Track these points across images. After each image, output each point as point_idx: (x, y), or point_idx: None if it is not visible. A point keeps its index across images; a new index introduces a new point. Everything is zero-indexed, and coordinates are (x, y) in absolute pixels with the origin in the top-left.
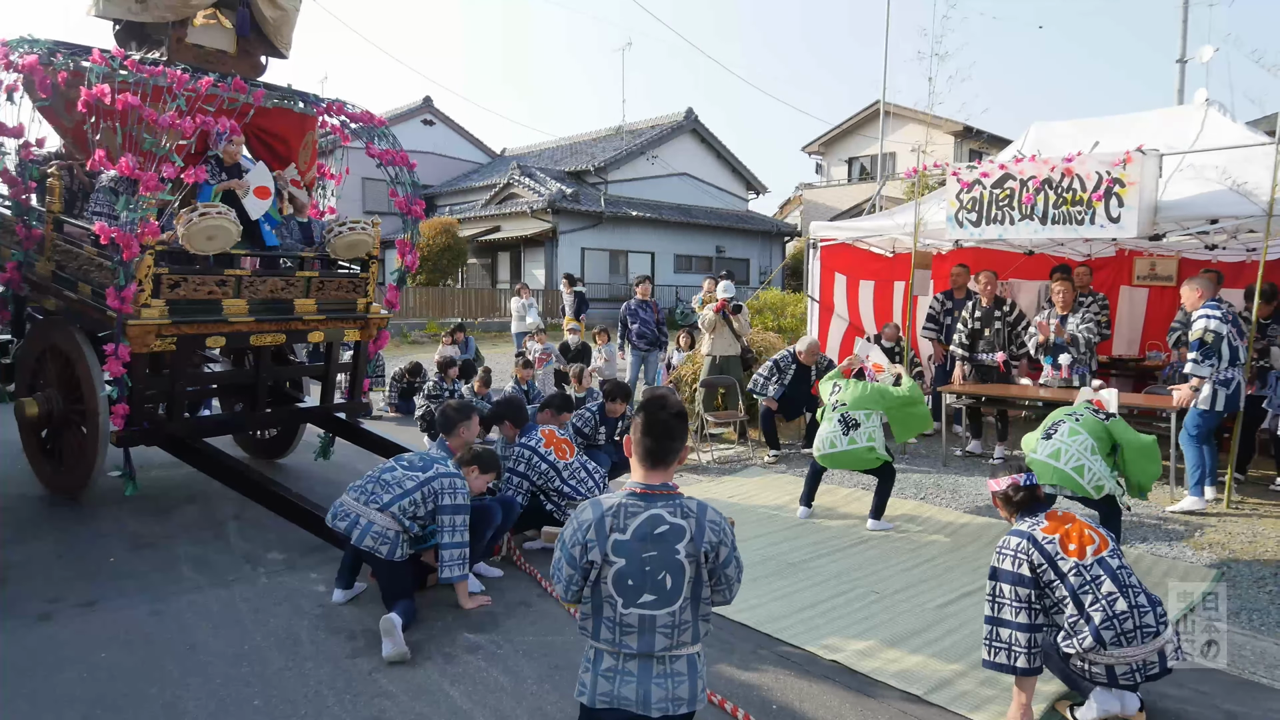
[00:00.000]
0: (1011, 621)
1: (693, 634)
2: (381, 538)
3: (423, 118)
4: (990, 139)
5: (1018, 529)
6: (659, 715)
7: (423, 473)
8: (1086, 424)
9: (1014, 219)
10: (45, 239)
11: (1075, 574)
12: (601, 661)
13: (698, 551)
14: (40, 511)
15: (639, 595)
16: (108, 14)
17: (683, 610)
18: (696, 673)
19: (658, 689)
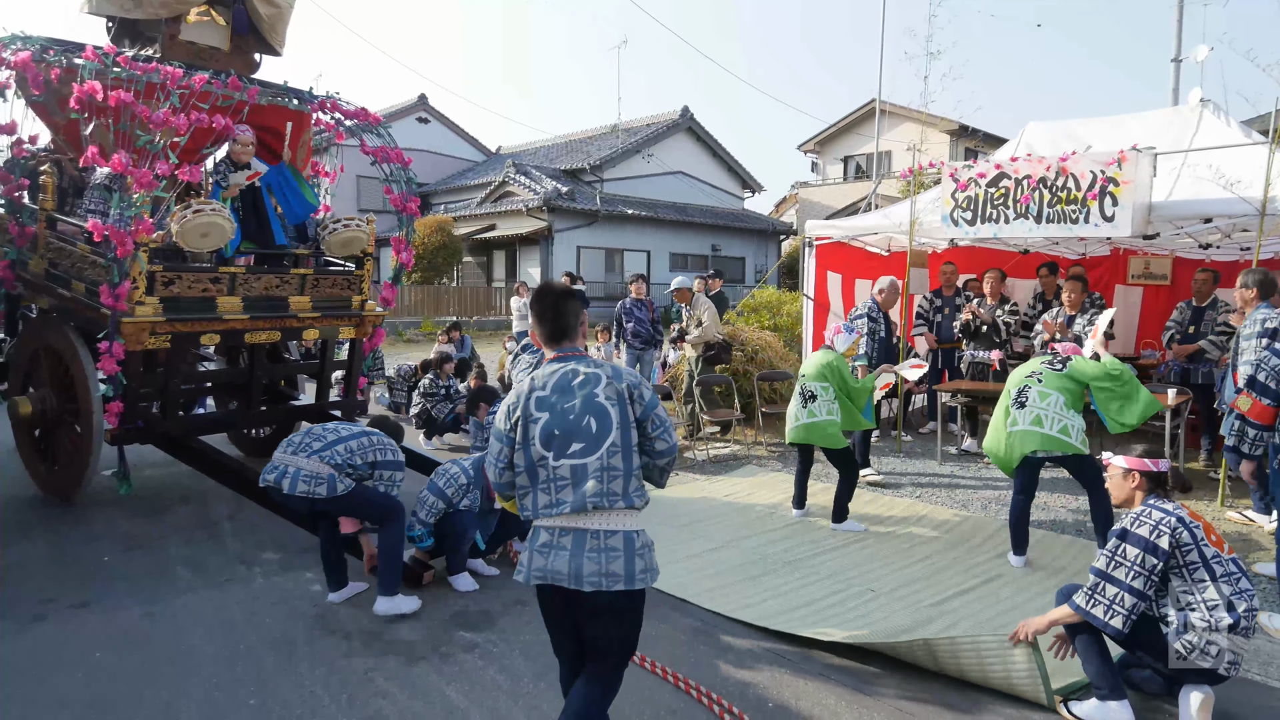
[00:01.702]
0: (1124, 583)
1: (624, 490)
2: (315, 479)
3: (418, 115)
4: (986, 138)
5: (1161, 505)
6: (590, 589)
7: (356, 427)
8: (1050, 382)
9: (1009, 218)
10: (38, 237)
11: (1218, 562)
12: (538, 538)
13: (618, 392)
14: (34, 512)
15: (568, 445)
16: (101, 11)
17: (611, 455)
18: (634, 551)
19: (590, 563)
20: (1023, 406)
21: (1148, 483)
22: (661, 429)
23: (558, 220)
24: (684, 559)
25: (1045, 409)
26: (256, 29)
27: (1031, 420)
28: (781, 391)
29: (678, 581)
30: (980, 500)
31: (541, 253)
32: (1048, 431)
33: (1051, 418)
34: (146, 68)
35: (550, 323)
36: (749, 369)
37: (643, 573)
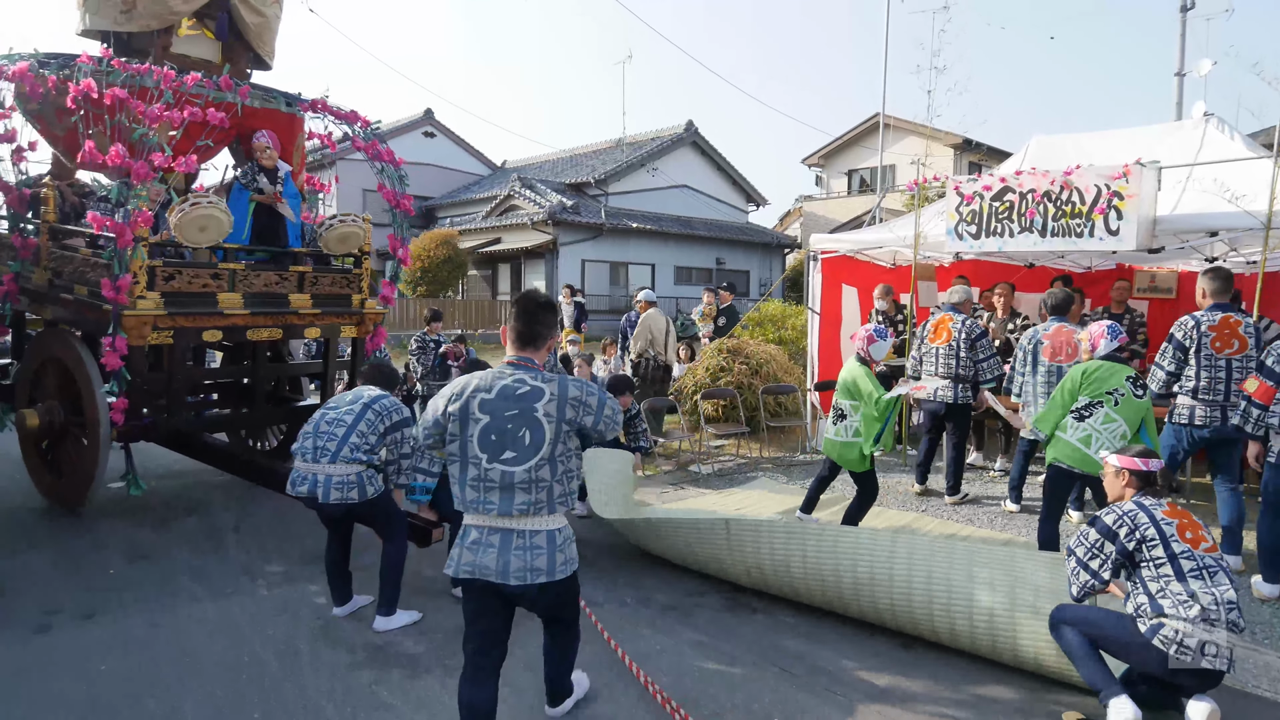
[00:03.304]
0: (1080, 559)
1: (549, 498)
2: (345, 484)
3: (424, 130)
4: (990, 151)
5: (1138, 500)
6: (516, 583)
7: (355, 403)
8: (1125, 408)
9: (1013, 231)
10: (40, 249)
11: (1187, 558)
12: (468, 535)
13: (558, 412)
14: (39, 522)
15: (501, 451)
16: (95, 27)
17: (539, 468)
18: (556, 547)
19: (516, 559)
20: (1082, 420)
21: (1137, 481)
22: (605, 430)
23: (563, 234)
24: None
25: (1102, 432)
26: (245, 40)
27: (1080, 438)
28: (786, 405)
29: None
30: (986, 515)
31: (546, 266)
32: (1089, 453)
33: (1102, 441)
34: (139, 68)
35: (524, 325)
36: (754, 382)
37: (563, 564)
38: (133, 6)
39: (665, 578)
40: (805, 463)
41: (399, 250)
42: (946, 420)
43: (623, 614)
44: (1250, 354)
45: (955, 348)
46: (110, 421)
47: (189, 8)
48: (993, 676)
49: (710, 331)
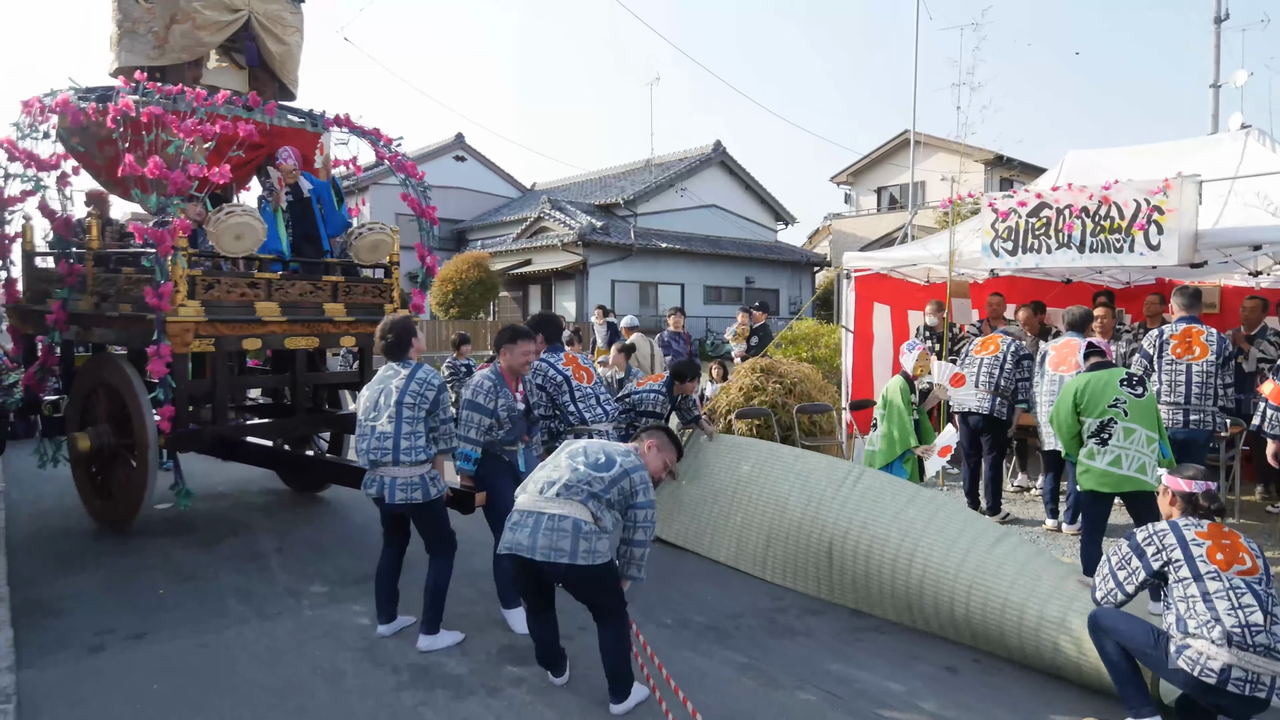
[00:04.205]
0: (1111, 568)
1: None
2: (410, 485)
3: (455, 154)
4: (1022, 167)
5: (1174, 522)
6: (541, 559)
7: (399, 392)
8: (1136, 415)
9: (1051, 247)
10: (86, 276)
11: (1213, 578)
12: (511, 518)
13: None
14: (89, 544)
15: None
16: (129, 64)
17: (587, 470)
18: (580, 535)
19: (544, 538)
20: (1104, 443)
21: (1182, 502)
22: (639, 525)
23: (592, 255)
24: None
25: (1128, 448)
26: (271, 70)
27: (1110, 461)
28: (821, 424)
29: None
30: (1029, 535)
31: (576, 287)
32: (1125, 472)
33: (1132, 457)
34: (173, 89)
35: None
36: (788, 401)
37: (585, 553)
38: (164, 41)
39: (702, 600)
40: None
41: (426, 259)
42: (983, 436)
43: (662, 635)
44: (1210, 360)
45: (1001, 360)
46: (158, 430)
47: (217, 39)
48: (1041, 699)
49: (743, 351)
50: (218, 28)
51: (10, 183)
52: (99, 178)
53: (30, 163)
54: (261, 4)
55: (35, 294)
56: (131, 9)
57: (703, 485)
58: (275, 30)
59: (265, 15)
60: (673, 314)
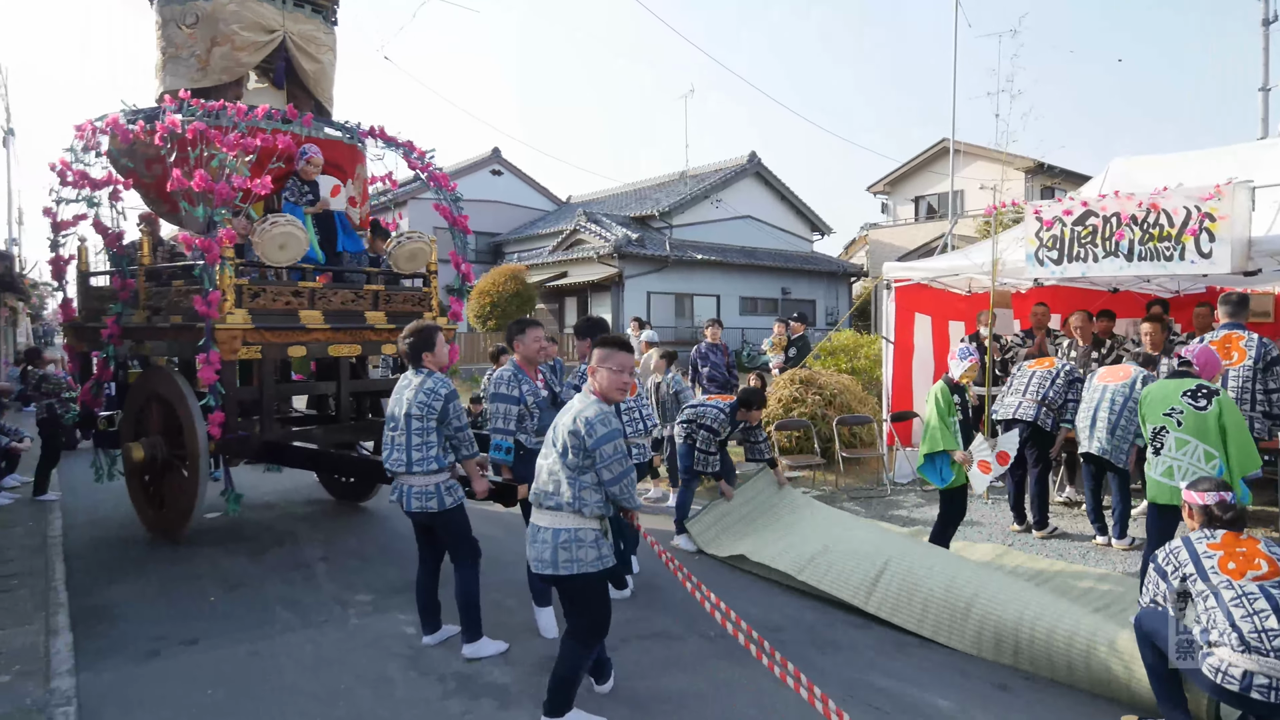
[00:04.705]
0: (1150, 596)
1: (557, 493)
2: (425, 494)
3: (491, 168)
4: (1065, 174)
5: (1188, 537)
6: (534, 569)
7: (407, 401)
8: (1190, 425)
9: (1097, 256)
10: (138, 291)
11: (1227, 588)
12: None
13: (563, 429)
14: (143, 553)
15: (545, 448)
16: (172, 87)
17: (554, 464)
18: (558, 544)
19: (531, 548)
20: (1157, 453)
21: (1199, 514)
22: (602, 463)
23: (628, 266)
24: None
25: (1179, 459)
26: (305, 87)
27: (1162, 472)
28: (862, 436)
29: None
30: (1078, 550)
31: (612, 299)
32: (1176, 484)
33: (1185, 469)
34: (214, 105)
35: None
36: (828, 413)
37: (565, 563)
38: (206, 64)
39: (744, 612)
40: (882, 494)
41: (461, 266)
42: (1028, 447)
43: (704, 647)
44: (1248, 364)
45: (1053, 375)
46: (208, 436)
47: (255, 59)
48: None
49: (781, 362)
50: (255, 48)
51: (64, 207)
52: (147, 196)
53: (84, 183)
54: (296, 24)
55: (90, 312)
56: (175, 35)
57: (757, 522)
58: (309, 49)
59: (299, 35)
60: (709, 326)
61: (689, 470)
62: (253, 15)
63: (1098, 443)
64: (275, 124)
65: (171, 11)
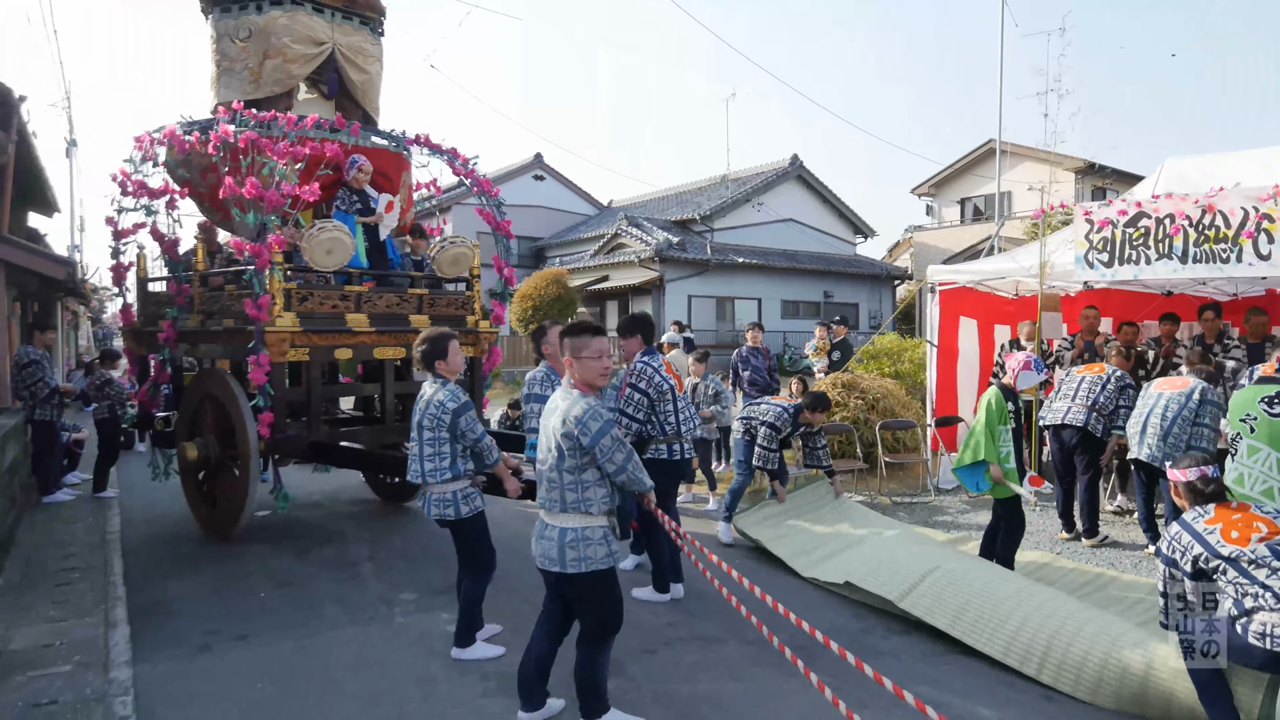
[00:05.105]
0: (1182, 595)
1: (564, 499)
2: (442, 501)
3: (534, 173)
4: (1116, 175)
5: (1183, 519)
6: (540, 565)
7: (420, 417)
8: (1264, 433)
9: (1150, 258)
10: (193, 296)
11: (1241, 556)
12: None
13: (562, 426)
14: (197, 550)
15: (539, 455)
16: (225, 99)
17: (552, 471)
18: (565, 543)
19: (538, 545)
20: (1231, 459)
21: (1186, 492)
22: (604, 458)
23: (669, 270)
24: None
25: (1250, 466)
26: (353, 97)
27: (1234, 479)
28: (905, 441)
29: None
30: (1130, 558)
31: (653, 302)
32: (1247, 492)
33: (1256, 477)
34: (265, 116)
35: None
36: (871, 417)
37: (573, 561)
38: (259, 76)
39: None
40: (925, 501)
41: (504, 270)
42: (1077, 454)
43: (745, 653)
44: None
45: (1104, 380)
46: (258, 436)
47: (305, 71)
48: None
49: (824, 366)
50: (305, 60)
51: (124, 215)
52: (201, 204)
53: (142, 193)
54: (344, 36)
55: (148, 317)
56: (229, 49)
57: (804, 524)
58: (357, 60)
59: (348, 47)
60: (751, 329)
61: (745, 463)
62: (303, 29)
63: (1147, 449)
64: (324, 133)
65: (226, 26)
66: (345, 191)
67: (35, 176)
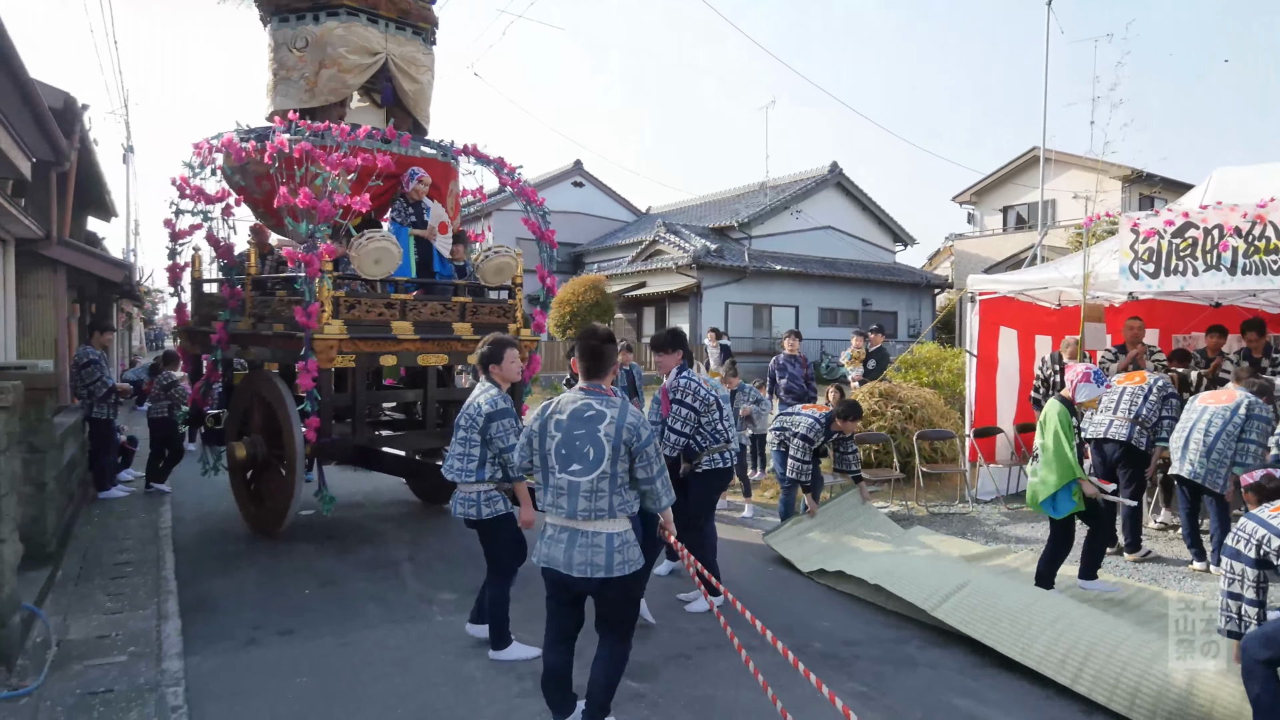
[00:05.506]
0: (1243, 596)
1: (609, 505)
2: (466, 501)
3: (573, 180)
4: (1165, 183)
5: (1254, 513)
6: (578, 575)
7: (459, 418)
8: None
9: (1197, 269)
10: (245, 300)
11: None
12: (546, 531)
13: (618, 432)
14: (244, 547)
15: (569, 464)
16: (282, 107)
17: (600, 480)
18: (613, 548)
19: (579, 554)
20: None
21: (1253, 493)
22: (644, 464)
23: (706, 277)
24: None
25: None
26: (404, 106)
27: None
28: (943, 451)
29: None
30: (1175, 574)
31: (690, 309)
32: None
33: None
34: (319, 126)
35: (589, 361)
36: (908, 427)
37: (620, 564)
38: (314, 85)
39: (819, 627)
40: (963, 513)
41: (547, 280)
42: (1119, 467)
43: (776, 660)
44: None
45: (1146, 390)
46: (304, 440)
47: (359, 81)
48: None
49: (859, 375)
50: (360, 70)
51: (181, 218)
52: (256, 210)
53: (199, 198)
54: (398, 47)
55: (202, 317)
56: (286, 58)
57: (839, 545)
58: (410, 70)
59: (401, 57)
60: (788, 337)
61: (785, 477)
62: (358, 39)
63: (1189, 465)
64: (376, 144)
65: (284, 35)
66: (402, 203)
67: (95, 182)
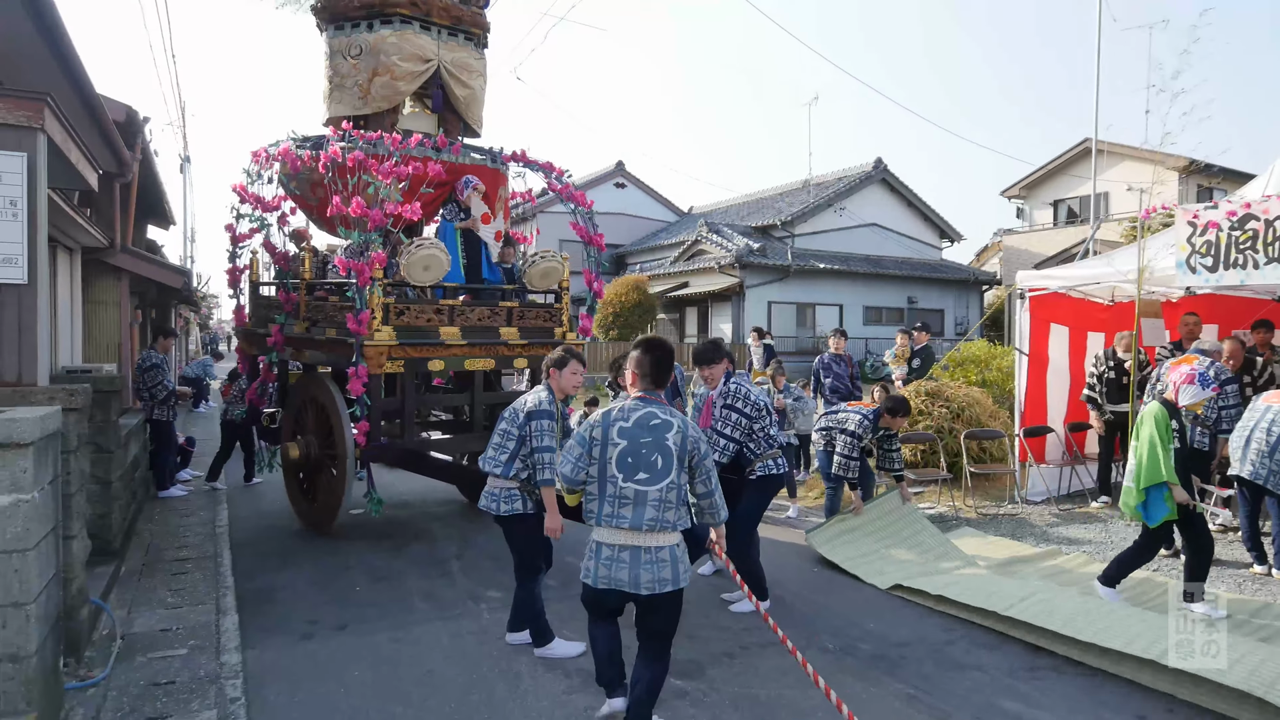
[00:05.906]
0: None
1: (674, 518)
2: (490, 496)
3: (615, 181)
4: (1224, 174)
5: None
6: (647, 593)
7: (500, 421)
8: None
9: (1259, 263)
10: (299, 304)
11: None
12: (601, 552)
13: (684, 442)
14: (298, 544)
15: (636, 472)
16: (337, 114)
17: (669, 490)
18: (677, 560)
19: (645, 572)
20: None
21: None
22: (705, 476)
23: (749, 276)
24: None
25: None
26: (457, 112)
27: None
28: (991, 451)
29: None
30: (1235, 578)
31: (733, 308)
32: None
33: None
34: (373, 135)
35: (657, 372)
36: (955, 427)
37: (685, 574)
38: (368, 93)
39: (867, 628)
40: (1012, 514)
41: (594, 284)
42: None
43: (825, 661)
44: None
45: None
46: (354, 442)
47: (412, 87)
48: None
49: (903, 374)
50: (412, 77)
51: (241, 222)
52: (311, 216)
53: (257, 205)
54: (449, 53)
55: (259, 319)
56: (341, 65)
57: (887, 554)
58: (461, 76)
59: (452, 63)
60: (834, 336)
61: (831, 476)
62: (411, 47)
63: (1249, 466)
64: (427, 152)
65: (339, 43)
66: (453, 206)
67: (155, 191)
